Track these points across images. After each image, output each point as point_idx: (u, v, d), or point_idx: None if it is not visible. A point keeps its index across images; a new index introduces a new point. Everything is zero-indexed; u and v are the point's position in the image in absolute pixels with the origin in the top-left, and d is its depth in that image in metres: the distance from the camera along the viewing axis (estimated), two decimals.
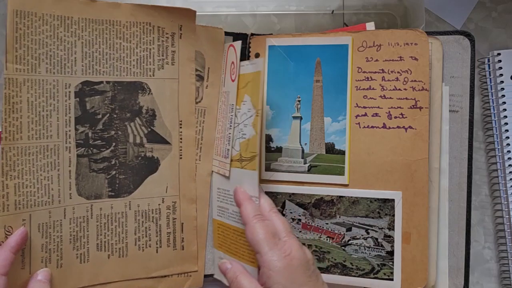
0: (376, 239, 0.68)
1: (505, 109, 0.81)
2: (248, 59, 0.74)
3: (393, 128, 0.68)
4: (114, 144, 0.70)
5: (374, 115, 0.68)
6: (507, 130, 0.81)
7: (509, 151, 0.80)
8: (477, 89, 0.85)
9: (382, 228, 0.68)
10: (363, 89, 0.69)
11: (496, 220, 0.82)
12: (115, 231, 0.70)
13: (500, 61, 0.82)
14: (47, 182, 0.66)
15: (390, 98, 0.68)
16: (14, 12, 0.64)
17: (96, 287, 0.70)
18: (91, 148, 0.69)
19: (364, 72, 0.69)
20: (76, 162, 0.68)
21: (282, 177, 0.72)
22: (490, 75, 0.83)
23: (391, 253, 0.67)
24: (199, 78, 0.74)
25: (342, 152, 0.69)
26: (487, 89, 0.84)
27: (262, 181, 0.72)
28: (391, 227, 0.67)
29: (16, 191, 0.65)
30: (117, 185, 0.70)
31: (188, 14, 0.71)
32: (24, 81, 0.65)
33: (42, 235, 0.66)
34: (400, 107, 0.67)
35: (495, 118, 0.82)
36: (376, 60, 0.69)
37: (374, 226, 0.68)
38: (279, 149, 0.72)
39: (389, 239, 0.67)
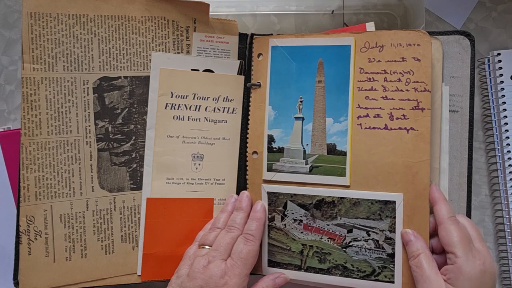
0: (377, 241, 0.68)
1: (505, 109, 0.81)
2: (250, 59, 0.74)
3: (394, 129, 0.67)
4: (134, 137, 0.72)
5: (376, 116, 0.68)
6: (507, 130, 0.81)
7: (509, 151, 0.80)
8: (477, 89, 0.85)
9: (383, 230, 0.67)
10: (365, 90, 0.69)
11: (496, 220, 0.82)
12: (139, 223, 0.72)
13: (500, 61, 0.82)
14: (68, 175, 0.69)
15: (392, 99, 0.68)
16: (28, 15, 0.67)
17: (122, 278, 0.72)
18: (112, 142, 0.71)
19: (366, 73, 0.69)
20: (97, 156, 0.71)
21: (283, 178, 0.71)
22: (490, 75, 0.83)
23: (392, 256, 0.67)
24: None
25: (344, 153, 0.69)
26: (487, 89, 0.84)
27: (264, 181, 0.72)
28: (392, 229, 0.67)
29: (36, 183, 0.69)
30: (138, 178, 0.72)
31: (202, 7, 0.72)
32: (41, 80, 0.68)
33: (64, 226, 0.69)
34: (402, 108, 0.67)
35: (495, 118, 0.82)
36: (379, 61, 0.68)
37: (375, 228, 0.68)
38: (281, 150, 0.72)
39: (390, 241, 0.67)
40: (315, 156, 0.71)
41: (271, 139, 0.72)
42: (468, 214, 0.70)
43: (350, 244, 0.69)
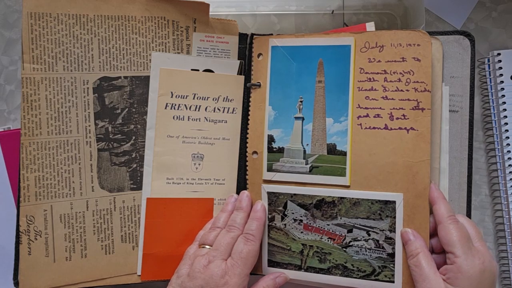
0: (377, 241, 0.68)
1: (505, 109, 0.81)
2: (250, 59, 0.74)
3: (394, 129, 0.67)
4: (134, 137, 0.72)
5: (376, 116, 0.68)
6: (507, 130, 0.81)
7: (509, 151, 0.80)
8: (477, 89, 0.85)
9: (383, 230, 0.67)
10: (365, 90, 0.69)
11: (496, 220, 0.82)
12: (139, 223, 0.72)
13: (500, 61, 0.82)
14: (68, 175, 0.69)
15: (392, 99, 0.68)
16: (28, 15, 0.68)
17: (122, 278, 0.72)
18: (112, 142, 0.71)
19: (366, 73, 0.69)
20: (97, 156, 0.71)
21: (284, 178, 0.71)
22: (490, 75, 0.83)
23: (392, 255, 0.67)
24: None
25: (344, 153, 0.69)
26: (487, 89, 0.84)
27: (264, 181, 0.72)
28: (392, 229, 0.67)
29: (36, 183, 0.69)
30: (138, 178, 0.72)
31: (202, 7, 0.72)
32: (41, 80, 0.68)
33: (64, 226, 0.69)
34: (402, 108, 0.67)
35: (495, 118, 0.82)
36: (379, 61, 0.68)
37: (375, 227, 0.68)
38: (281, 150, 0.72)
39: (390, 241, 0.67)
40: (315, 156, 0.71)
41: (271, 139, 0.72)
42: (468, 214, 0.70)
43: (350, 244, 0.69)
